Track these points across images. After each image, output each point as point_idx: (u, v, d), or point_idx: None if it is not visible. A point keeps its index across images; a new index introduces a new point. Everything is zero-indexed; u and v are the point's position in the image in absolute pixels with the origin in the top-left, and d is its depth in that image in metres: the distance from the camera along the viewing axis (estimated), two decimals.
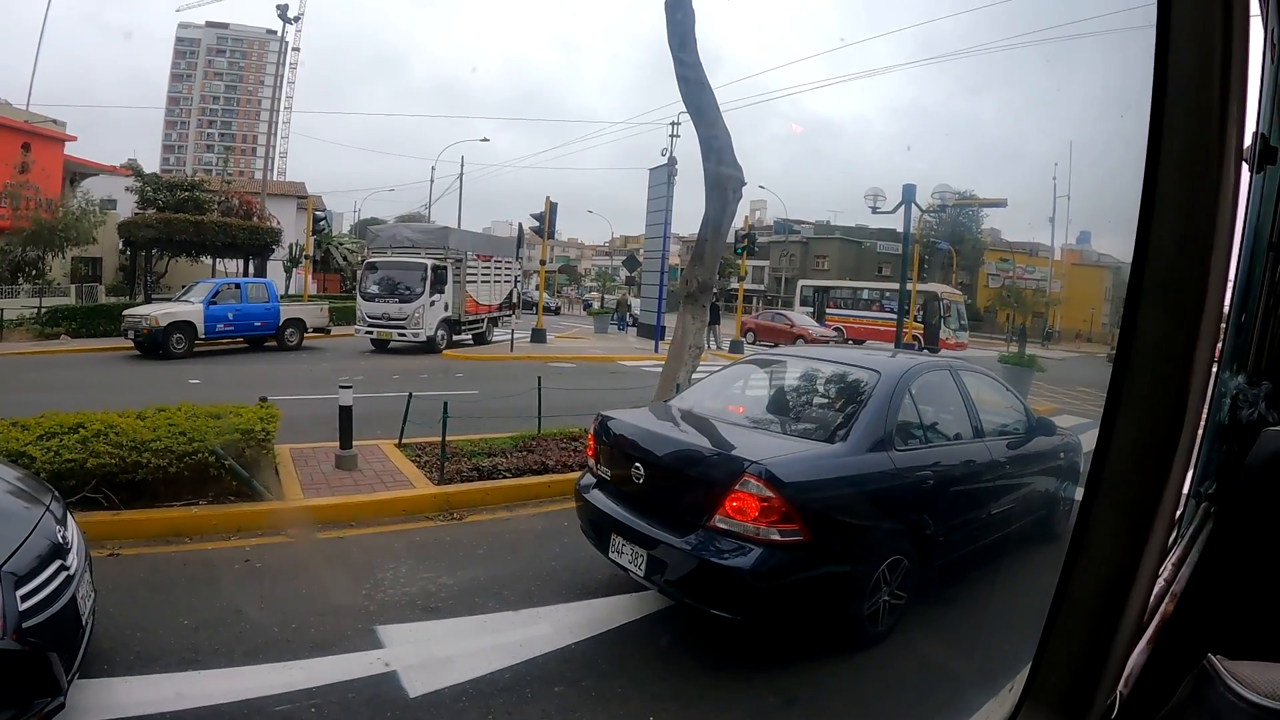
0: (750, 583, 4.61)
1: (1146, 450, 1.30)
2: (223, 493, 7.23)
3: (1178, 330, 1.26)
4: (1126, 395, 1.32)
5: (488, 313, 28.44)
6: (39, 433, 6.85)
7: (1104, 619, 1.36)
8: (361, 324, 24.76)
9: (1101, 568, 1.36)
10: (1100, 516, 1.36)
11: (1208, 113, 1.24)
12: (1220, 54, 1.22)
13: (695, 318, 10.35)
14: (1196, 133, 1.25)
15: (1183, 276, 1.27)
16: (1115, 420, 1.32)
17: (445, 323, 25.17)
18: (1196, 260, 1.26)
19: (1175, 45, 1.25)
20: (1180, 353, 1.26)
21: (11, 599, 3.39)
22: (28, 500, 4.24)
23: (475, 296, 27.12)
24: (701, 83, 10.02)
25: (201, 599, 5.56)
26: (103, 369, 18.36)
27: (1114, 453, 1.33)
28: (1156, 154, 1.27)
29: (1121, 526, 1.34)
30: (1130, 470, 1.32)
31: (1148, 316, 1.30)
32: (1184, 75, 1.24)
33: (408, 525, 7.43)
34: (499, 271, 29.59)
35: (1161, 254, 1.29)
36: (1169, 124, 1.26)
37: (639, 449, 5.55)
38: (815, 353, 7.69)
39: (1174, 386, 1.27)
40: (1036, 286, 67.08)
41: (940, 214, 57.62)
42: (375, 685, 4.50)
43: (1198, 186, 1.25)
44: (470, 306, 26.72)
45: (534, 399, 10.55)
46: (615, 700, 4.53)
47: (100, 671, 4.38)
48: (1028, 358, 22.21)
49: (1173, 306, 1.28)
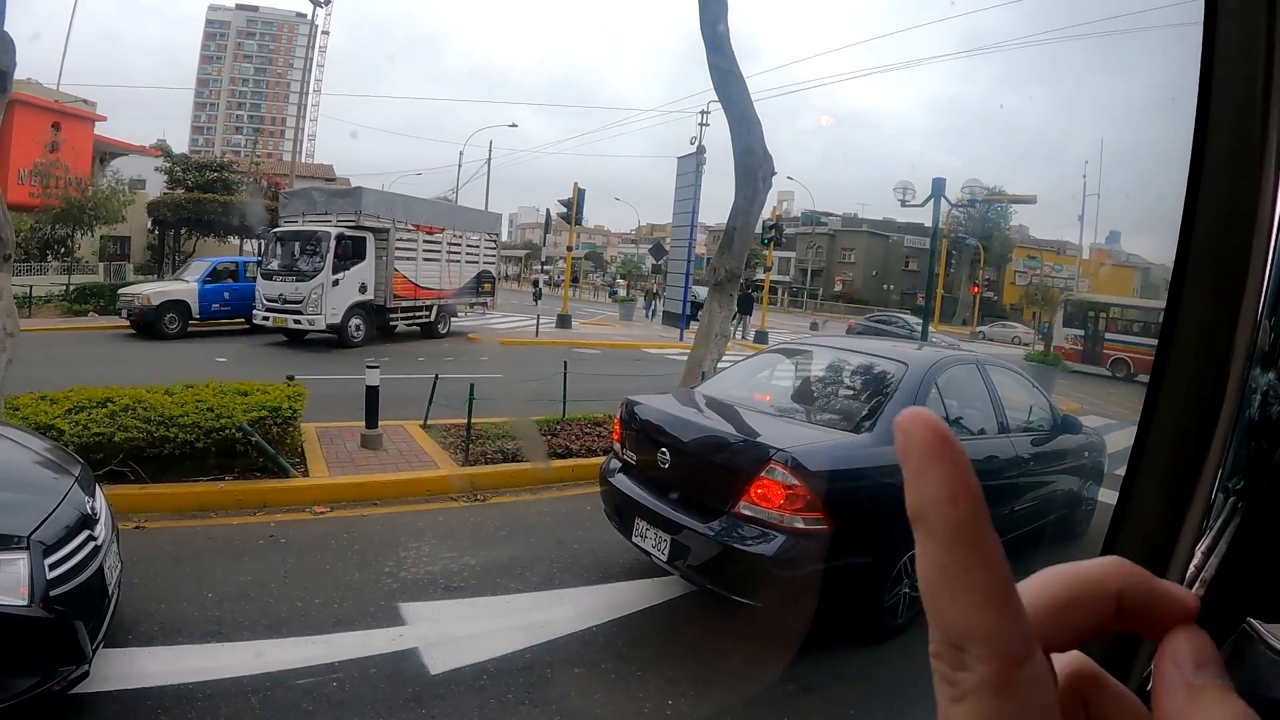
0: (773, 569, 4.62)
1: (1187, 434, 1.31)
2: (249, 469, 7.30)
3: (1219, 319, 1.27)
4: (1168, 381, 1.33)
5: (435, 298, 23.15)
6: (67, 406, 6.97)
7: None
8: (259, 308, 20.13)
9: (1141, 547, 1.37)
10: (1141, 492, 1.38)
11: (1251, 106, 1.24)
12: (1264, 49, 1.22)
13: (722, 306, 10.35)
14: (1240, 128, 1.25)
15: (1224, 266, 1.28)
16: (1157, 404, 1.34)
17: (362, 309, 20.37)
18: (1238, 251, 1.26)
19: (1221, 42, 1.25)
20: (1221, 341, 1.27)
21: (40, 567, 3.44)
22: (57, 471, 4.30)
23: (412, 277, 22.00)
24: (733, 72, 10.01)
25: (225, 573, 5.62)
26: (126, 346, 18.45)
27: (1154, 435, 1.34)
28: (1201, 150, 1.27)
29: (1161, 504, 1.35)
30: (1171, 452, 1.34)
31: (1191, 302, 1.31)
32: (1229, 72, 1.25)
33: (431, 505, 7.47)
34: (461, 249, 24.36)
35: (1204, 244, 1.29)
36: (1214, 118, 1.26)
37: (665, 434, 5.56)
38: (841, 343, 7.68)
39: (1214, 371, 1.28)
40: (1064, 285, 66.63)
41: (969, 209, 57.24)
42: (396, 661, 4.54)
43: (1240, 183, 1.26)
44: (403, 289, 21.69)
45: (559, 383, 10.59)
46: (634, 683, 4.55)
47: (125, 641, 4.44)
48: (1053, 356, 22.07)
49: (1214, 295, 1.29)
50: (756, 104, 10.05)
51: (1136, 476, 1.37)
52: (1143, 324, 27.82)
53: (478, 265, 25.28)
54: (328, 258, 19.26)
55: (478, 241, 25.32)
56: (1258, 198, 1.25)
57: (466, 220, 25.69)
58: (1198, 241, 1.29)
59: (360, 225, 20.27)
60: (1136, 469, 1.37)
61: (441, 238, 23.25)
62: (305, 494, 7.22)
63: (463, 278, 24.40)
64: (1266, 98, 1.23)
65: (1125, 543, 1.40)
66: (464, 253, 24.43)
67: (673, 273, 33.81)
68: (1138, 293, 56.97)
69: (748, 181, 10.04)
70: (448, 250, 23.58)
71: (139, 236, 36.65)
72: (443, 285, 23.38)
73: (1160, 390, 1.33)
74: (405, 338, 22.30)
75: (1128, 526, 1.40)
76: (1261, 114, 1.23)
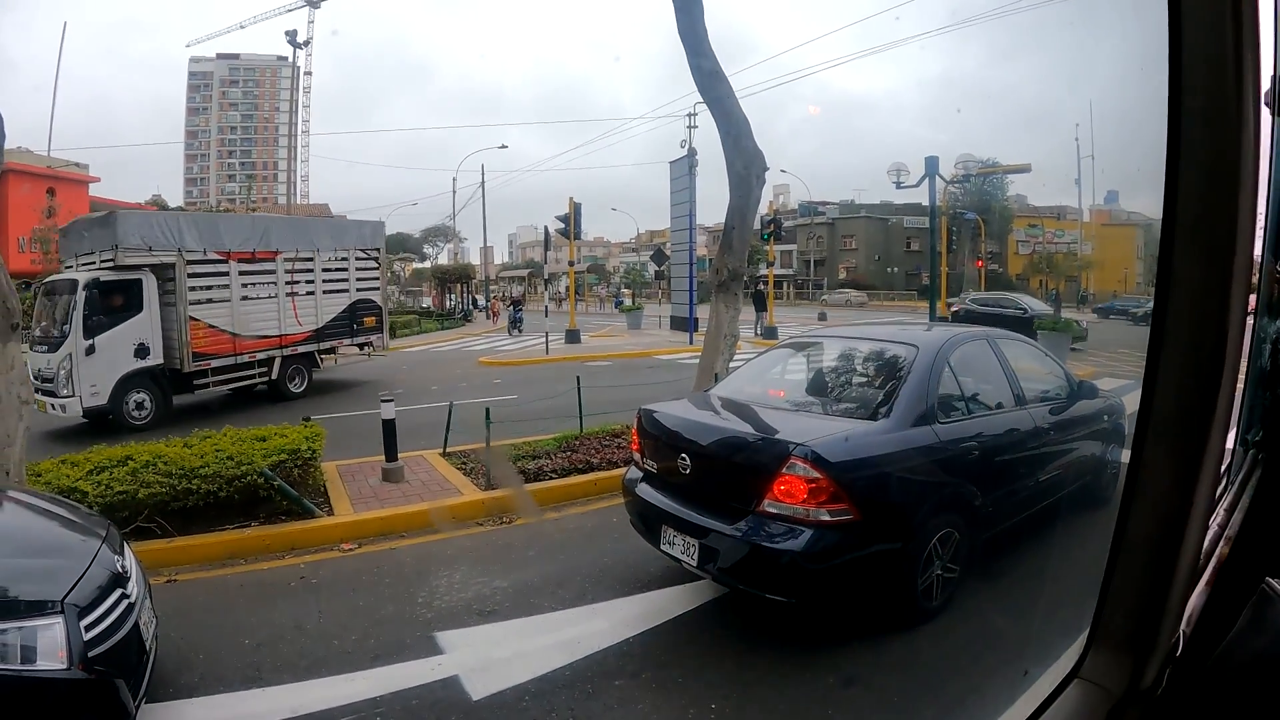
0: (803, 565, 4.62)
1: (1190, 394, 1.32)
2: (274, 513, 7.35)
3: (1212, 275, 1.28)
4: (1167, 343, 1.33)
5: (274, 347, 16.95)
6: (89, 468, 7.01)
7: (1161, 561, 1.38)
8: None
9: (1155, 511, 1.38)
10: (1150, 460, 1.38)
11: (1224, 59, 1.24)
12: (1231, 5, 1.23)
13: (729, 306, 10.36)
14: (1215, 80, 1.26)
15: (1213, 222, 1.28)
16: (1158, 368, 1.34)
17: (147, 378, 14.48)
18: (1224, 206, 1.27)
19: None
20: (1215, 297, 1.27)
21: (76, 629, 3.47)
22: (84, 533, 4.34)
23: (225, 325, 15.86)
24: (716, 72, 10.04)
25: (260, 618, 5.65)
26: None
27: (1159, 399, 1.35)
28: (1178, 105, 1.28)
29: (1171, 468, 1.35)
30: (1176, 414, 1.34)
31: (1182, 263, 1.31)
32: (1199, 24, 1.25)
33: (458, 532, 7.50)
34: (316, 276, 18.04)
35: (1190, 203, 1.30)
36: (1187, 74, 1.27)
37: (683, 440, 5.58)
38: (850, 332, 7.66)
39: (1212, 330, 1.28)
40: (1068, 250, 66.38)
41: (965, 184, 57.14)
42: (438, 690, 4.55)
43: (1220, 133, 1.26)
44: (211, 343, 15.57)
45: (573, 399, 10.62)
46: (675, 690, 4.55)
47: (166, 695, 4.46)
48: (1065, 322, 22.00)
49: (1204, 253, 1.29)
50: (751, 98, 10.21)
51: (1145, 442, 1.38)
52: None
53: (348, 294, 18.96)
54: (74, 316, 13.60)
55: (345, 263, 18.88)
56: (1239, 151, 1.26)
57: (321, 235, 18.75)
58: (1184, 199, 1.29)
59: (123, 264, 14.38)
60: (1144, 434, 1.37)
61: (276, 265, 16.99)
62: (332, 533, 7.25)
63: (323, 314, 18.18)
64: (1239, 46, 1.24)
65: (1139, 509, 1.41)
66: (322, 281, 18.24)
67: (676, 276, 33.87)
68: (1140, 250, 56.69)
69: (741, 179, 10.05)
70: (291, 279, 17.45)
71: None
72: (286, 329, 17.24)
73: (1161, 352, 1.33)
74: (240, 404, 16.76)
75: (1140, 492, 1.40)
76: (1235, 62, 1.24)
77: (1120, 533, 1.43)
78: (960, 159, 35.73)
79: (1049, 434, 6.19)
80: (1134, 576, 1.43)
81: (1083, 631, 1.60)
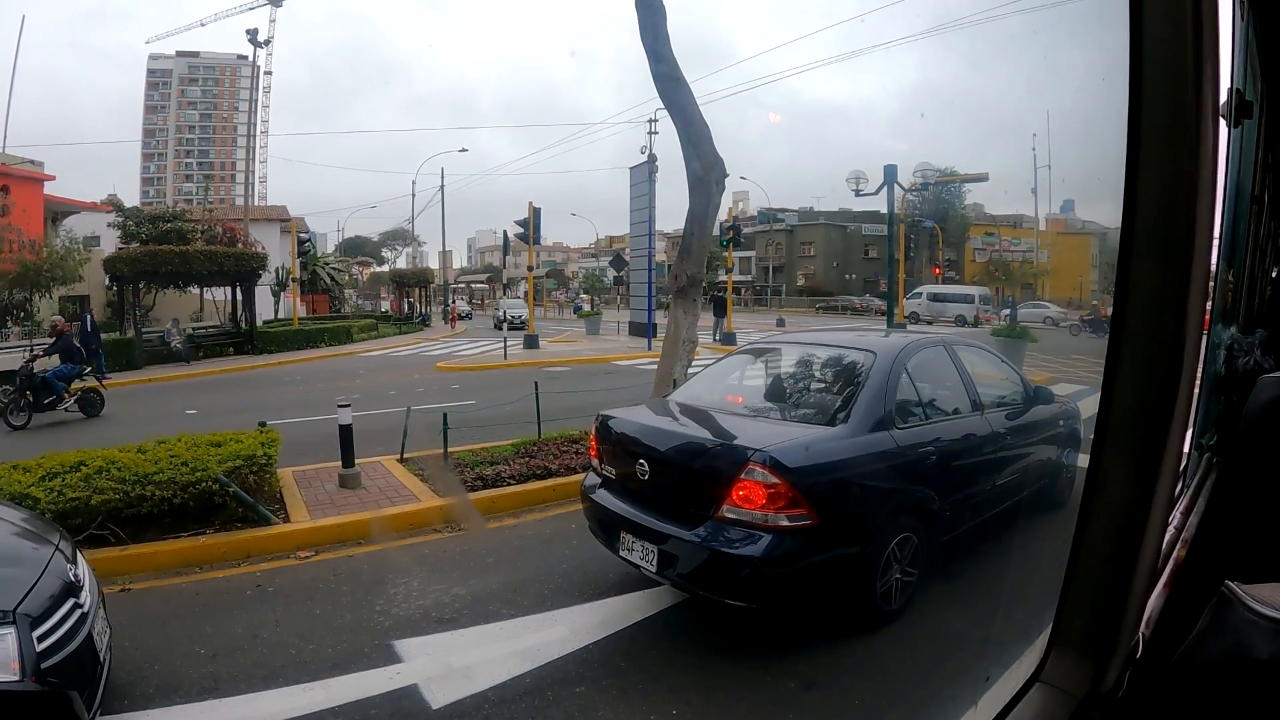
0: (763, 570, 4.63)
1: (1148, 400, 1.33)
2: (229, 520, 7.22)
3: (1169, 283, 1.29)
4: (1125, 350, 1.35)
5: None
6: (41, 474, 6.86)
7: (1121, 563, 1.40)
8: None
9: (1114, 515, 1.40)
10: (1109, 465, 1.40)
11: (1184, 71, 1.26)
12: (1192, 13, 1.24)
13: (687, 312, 10.36)
14: (1174, 92, 1.27)
15: (1170, 232, 1.30)
16: (1117, 374, 1.36)
17: None
18: (1182, 215, 1.29)
19: (1149, 6, 1.27)
20: (1173, 305, 1.29)
21: (29, 640, 3.40)
22: (36, 541, 4.25)
23: None
24: (677, 78, 10.05)
25: (216, 627, 5.56)
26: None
27: (1118, 404, 1.36)
28: (1138, 115, 1.29)
29: (1130, 472, 1.37)
30: (1134, 419, 1.36)
31: (1141, 271, 1.33)
32: (1159, 36, 1.27)
33: (416, 539, 7.43)
34: None
35: (1149, 212, 1.31)
36: (1147, 85, 1.29)
37: (642, 446, 5.57)
38: (809, 338, 7.70)
39: (1170, 337, 1.30)
40: (1023, 258, 67.30)
41: (923, 192, 57.81)
42: (397, 699, 4.51)
43: (1179, 144, 1.28)
44: None
45: (532, 405, 10.59)
46: (637, 696, 4.54)
47: (121, 707, 4.38)
48: (1020, 329, 22.31)
49: (1162, 261, 1.31)
50: (720, 103, 10.18)
51: (1104, 445, 1.39)
52: None
53: None
54: None
55: None
56: (1198, 162, 1.28)
57: None
58: (1143, 209, 1.31)
59: None
60: (1103, 438, 1.39)
61: None
62: (288, 540, 7.14)
63: None
64: (1198, 59, 1.26)
65: (1099, 512, 1.42)
66: None
67: (634, 282, 33.92)
68: (1095, 258, 57.59)
69: (700, 186, 10.06)
70: None
71: (98, 294, 36.18)
72: None
73: (1119, 359, 1.35)
74: None
75: (1099, 496, 1.42)
76: (1195, 75, 1.26)
77: (1080, 535, 1.45)
78: (919, 167, 36.02)
79: (1006, 439, 6.26)
80: (1094, 579, 1.45)
81: (1043, 634, 1.61)
